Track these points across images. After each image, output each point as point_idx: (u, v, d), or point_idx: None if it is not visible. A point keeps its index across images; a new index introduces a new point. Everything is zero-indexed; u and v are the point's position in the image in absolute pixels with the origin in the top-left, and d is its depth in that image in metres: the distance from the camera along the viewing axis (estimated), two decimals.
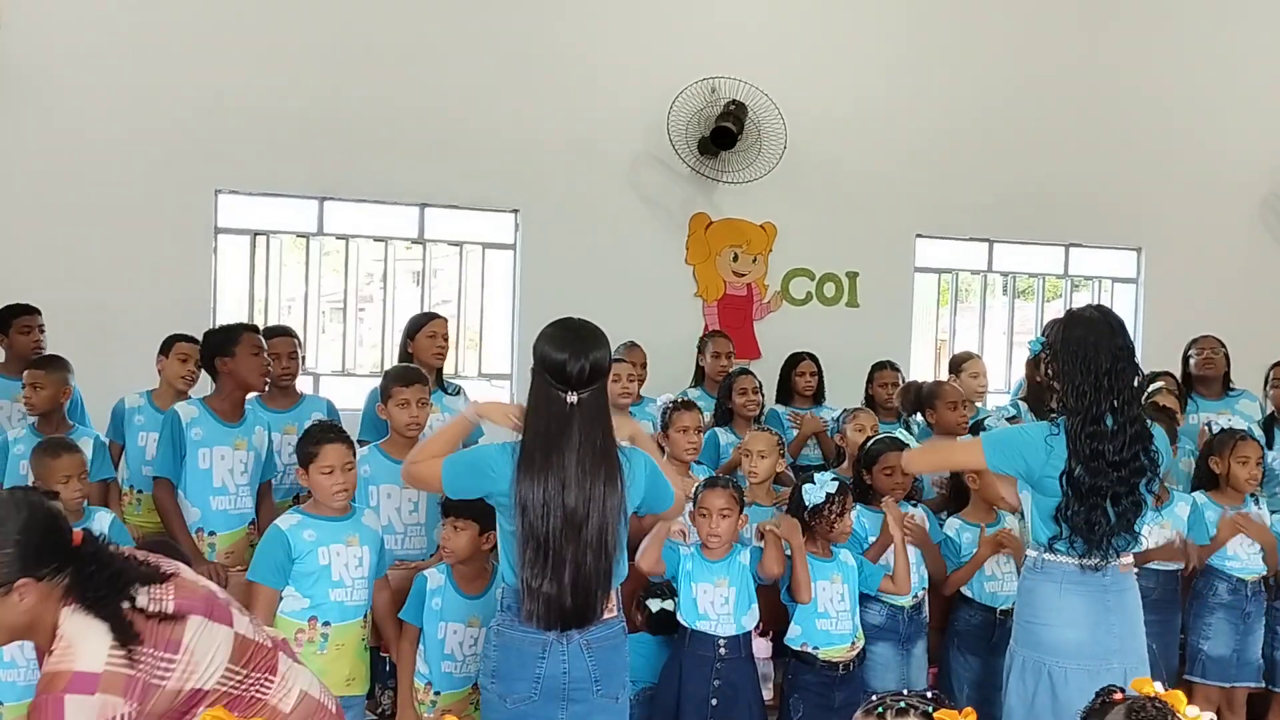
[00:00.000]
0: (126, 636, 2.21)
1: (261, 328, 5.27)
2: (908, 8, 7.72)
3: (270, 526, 3.55)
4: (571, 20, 7.10)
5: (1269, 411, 5.52)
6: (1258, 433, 5.14)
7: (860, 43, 7.60)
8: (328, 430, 3.64)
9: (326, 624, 3.43)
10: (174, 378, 4.79)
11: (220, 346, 4.30)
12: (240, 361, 4.26)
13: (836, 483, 3.94)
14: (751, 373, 5.57)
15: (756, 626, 3.82)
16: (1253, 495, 4.61)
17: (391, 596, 3.73)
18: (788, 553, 3.82)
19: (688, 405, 4.68)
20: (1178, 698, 2.10)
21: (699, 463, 4.66)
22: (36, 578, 2.20)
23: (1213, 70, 8.20)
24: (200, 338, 4.72)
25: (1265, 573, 4.55)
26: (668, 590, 3.85)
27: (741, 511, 3.83)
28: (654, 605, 3.86)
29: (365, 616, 3.56)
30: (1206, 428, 4.94)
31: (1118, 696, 2.17)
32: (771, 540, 3.81)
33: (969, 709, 2.14)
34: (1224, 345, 5.82)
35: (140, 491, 4.66)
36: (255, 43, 6.56)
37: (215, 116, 6.47)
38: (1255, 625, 4.54)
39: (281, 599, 3.43)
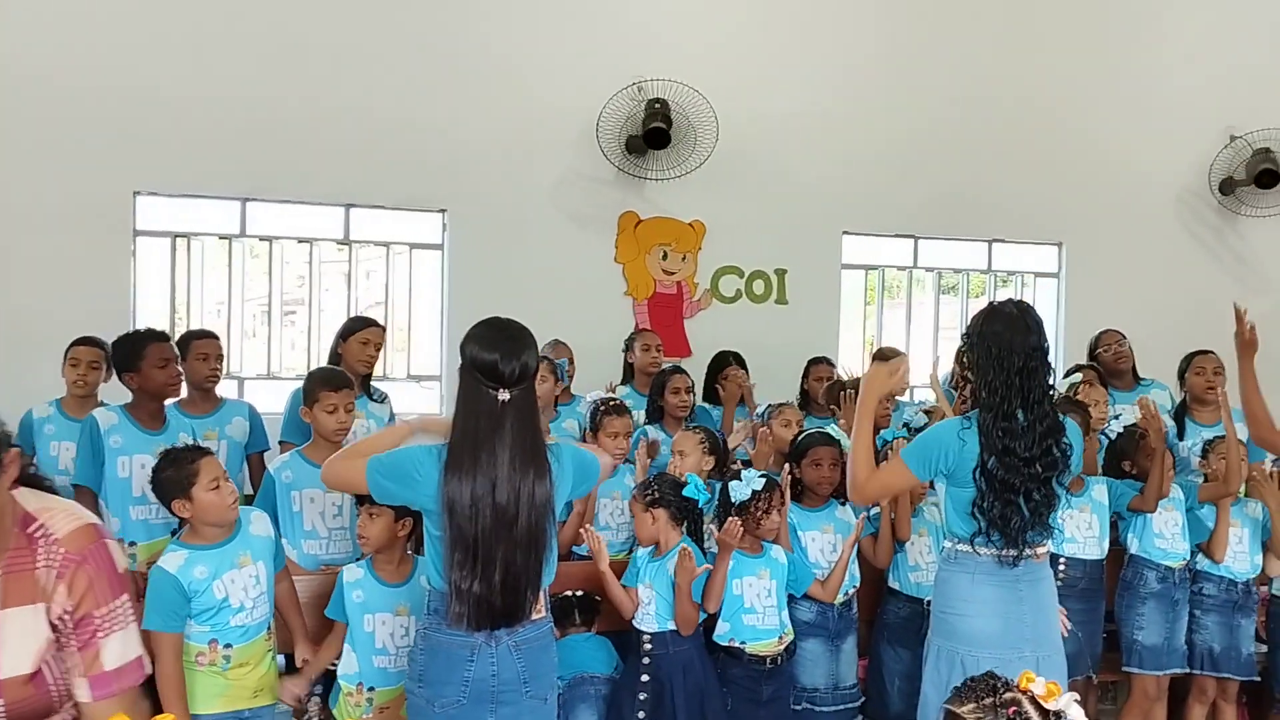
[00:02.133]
0: None
1: (185, 331, 5.21)
2: (838, 13, 7.79)
3: (154, 569, 3.33)
4: (500, 19, 7.07)
5: (1178, 401, 5.65)
6: (1169, 422, 5.28)
7: (790, 44, 7.66)
8: (192, 449, 3.48)
9: (228, 646, 3.35)
10: (68, 384, 4.69)
11: (125, 360, 4.23)
12: (146, 375, 4.19)
13: (764, 479, 3.97)
14: (685, 372, 5.57)
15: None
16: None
17: (291, 587, 3.69)
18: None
19: (618, 409, 4.66)
20: (1026, 675, 2.16)
21: (628, 462, 4.67)
22: None
23: (1130, 75, 8.40)
24: (102, 341, 4.64)
25: (1187, 559, 4.67)
26: None
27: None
28: None
29: (269, 628, 3.49)
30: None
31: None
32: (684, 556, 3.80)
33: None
34: (1126, 337, 5.97)
35: (49, 478, 4.54)
36: (174, 39, 6.44)
37: (133, 115, 6.34)
38: (1182, 612, 4.65)
39: None
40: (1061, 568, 4.35)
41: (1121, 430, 4.93)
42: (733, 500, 3.93)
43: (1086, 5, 8.33)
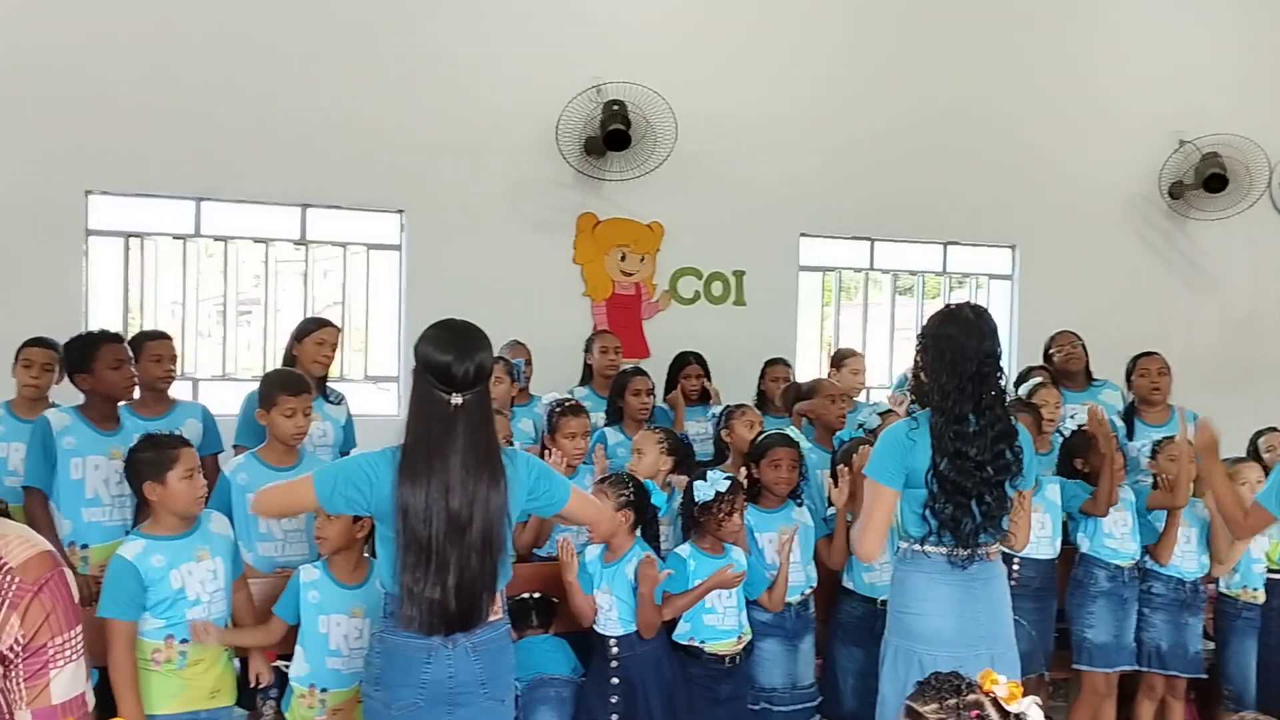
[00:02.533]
0: None
1: (138, 332, 5.15)
2: (795, 17, 7.83)
3: (114, 558, 3.35)
4: (458, 20, 7.04)
5: (1129, 402, 5.74)
6: (1118, 423, 5.38)
7: (748, 48, 7.68)
8: (176, 437, 3.53)
9: (184, 641, 3.34)
10: (19, 385, 4.64)
11: (77, 363, 4.18)
12: (99, 376, 4.14)
13: (728, 481, 3.99)
14: (646, 374, 5.58)
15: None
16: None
17: (249, 596, 3.65)
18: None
19: (575, 410, 4.66)
20: (987, 675, 2.19)
21: (586, 463, 4.67)
22: None
23: (1081, 81, 8.49)
24: (55, 342, 4.59)
25: (1137, 559, 4.75)
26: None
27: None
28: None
29: (227, 626, 3.48)
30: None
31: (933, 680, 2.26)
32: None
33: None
34: (1081, 339, 6.06)
35: (2, 501, 4.51)
36: (128, 36, 6.35)
37: (85, 113, 6.24)
38: (1131, 610, 4.72)
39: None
40: (1015, 567, 4.40)
41: (1075, 430, 5.01)
42: (696, 500, 3.95)
43: (1039, 12, 8.43)
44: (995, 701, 2.13)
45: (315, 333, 4.88)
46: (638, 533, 3.90)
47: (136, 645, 3.30)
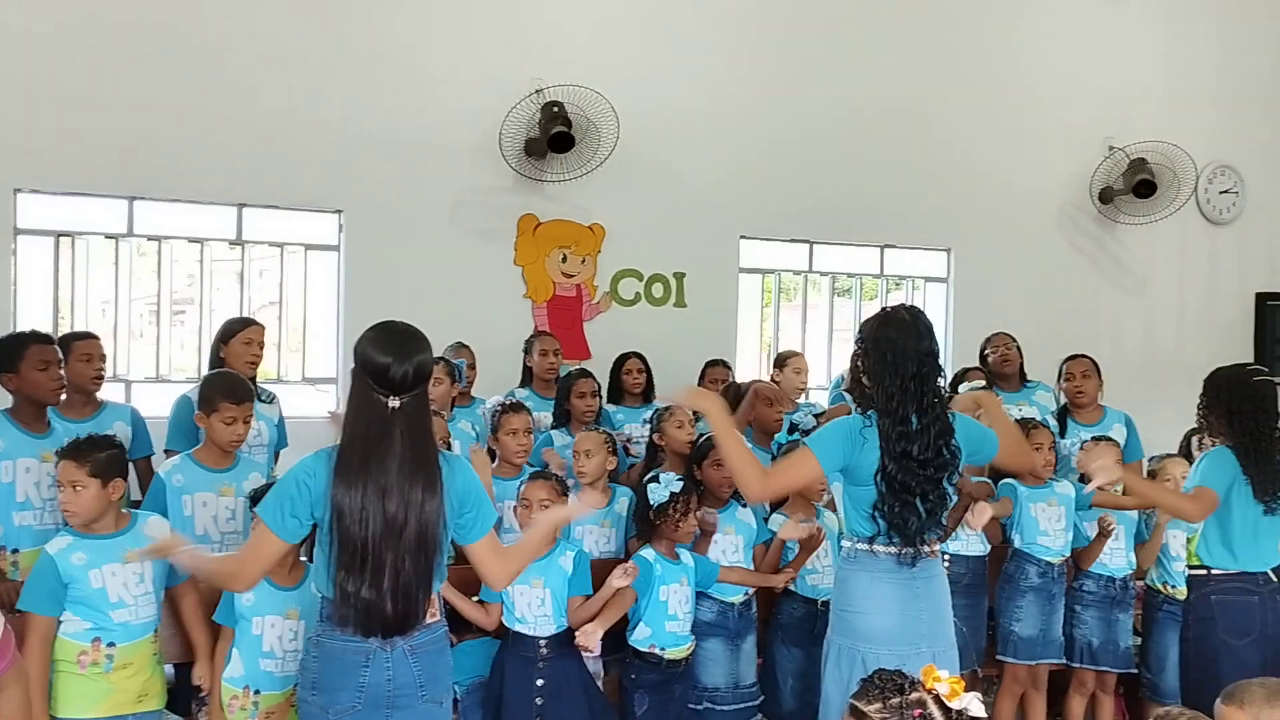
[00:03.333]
0: None
1: (65, 333, 5.05)
2: (739, 19, 7.88)
3: (41, 554, 3.36)
4: (398, 17, 6.99)
5: (1062, 403, 5.86)
6: (1051, 422, 5.49)
7: (690, 50, 7.71)
8: (110, 440, 3.54)
9: (111, 645, 3.32)
10: None
11: (3, 363, 4.08)
12: (25, 377, 4.05)
13: (680, 482, 4.01)
14: (591, 375, 5.60)
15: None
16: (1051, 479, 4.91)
17: (199, 600, 3.61)
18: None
19: (516, 408, 4.68)
20: (929, 673, 2.23)
21: (529, 464, 4.67)
22: None
23: (1013, 88, 8.65)
24: None
25: (1067, 555, 4.85)
26: None
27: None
28: None
29: (155, 632, 3.44)
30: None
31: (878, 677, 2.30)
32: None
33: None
34: (1016, 341, 6.17)
35: None
36: (58, 28, 6.20)
37: (13, 110, 6.10)
38: (1058, 605, 4.82)
39: (61, 622, 3.30)
40: (946, 564, 4.47)
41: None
42: (651, 503, 3.96)
43: (974, 17, 8.58)
44: (938, 699, 2.17)
45: (241, 332, 4.83)
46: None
47: (60, 646, 3.27)
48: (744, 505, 4.40)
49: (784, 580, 4.28)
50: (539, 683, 3.75)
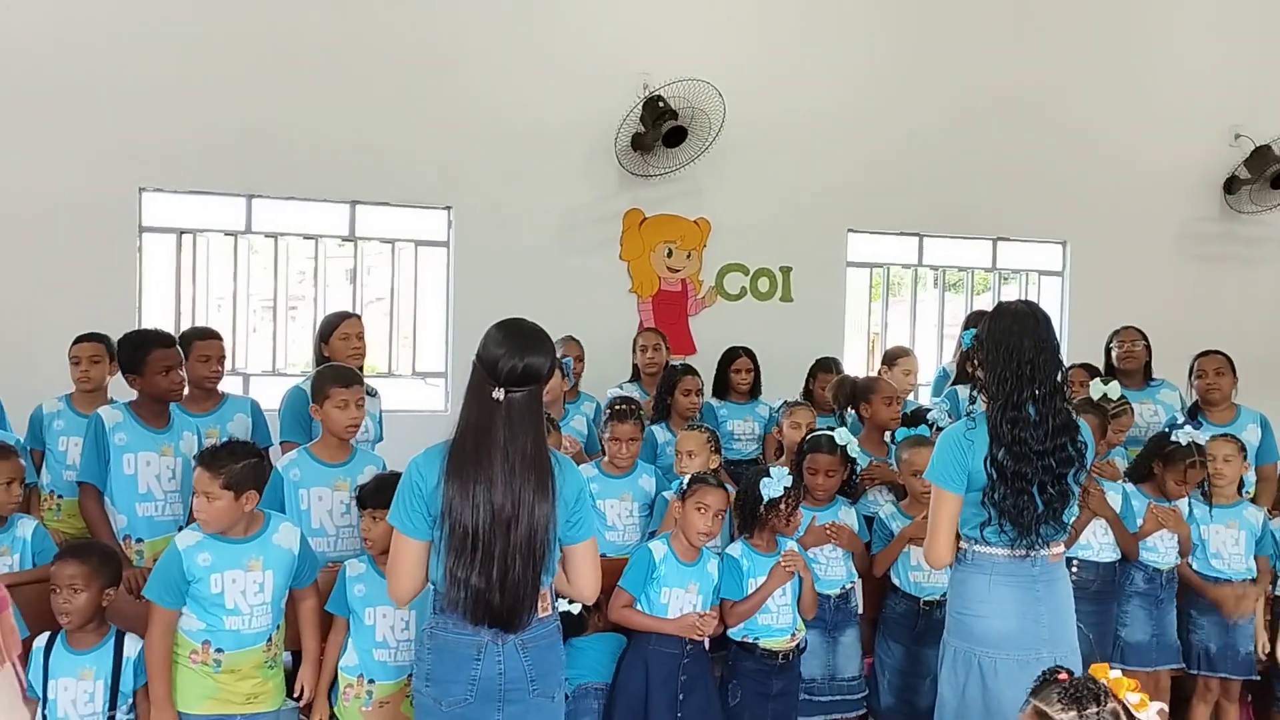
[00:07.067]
0: None
1: (188, 328, 5.20)
2: (842, 10, 7.77)
3: (170, 544, 3.40)
4: (506, 17, 7.06)
5: (1193, 400, 5.64)
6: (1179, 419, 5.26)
7: (795, 43, 7.65)
8: (252, 447, 3.59)
9: (220, 650, 3.35)
10: (73, 380, 4.69)
11: (128, 363, 4.19)
12: (148, 380, 4.15)
13: (792, 478, 3.99)
14: (696, 373, 5.57)
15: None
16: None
17: (318, 605, 3.63)
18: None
19: (622, 415, 4.55)
20: (1120, 683, 2.16)
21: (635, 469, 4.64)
22: None
23: (1135, 74, 8.42)
24: (102, 335, 4.68)
25: (1178, 564, 4.68)
26: None
27: None
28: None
29: (269, 640, 3.44)
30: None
31: (1062, 676, 2.22)
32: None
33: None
34: (1144, 336, 5.92)
35: (61, 496, 4.58)
36: (181, 37, 6.43)
37: (140, 113, 6.34)
38: (1168, 609, 4.66)
39: (182, 614, 3.35)
40: (1074, 569, 4.34)
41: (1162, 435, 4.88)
42: (764, 497, 3.93)
43: (1093, 4, 8.32)
44: (1126, 709, 2.11)
45: (339, 327, 4.91)
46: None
47: (177, 639, 3.33)
48: (849, 505, 4.37)
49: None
50: (683, 678, 3.77)
